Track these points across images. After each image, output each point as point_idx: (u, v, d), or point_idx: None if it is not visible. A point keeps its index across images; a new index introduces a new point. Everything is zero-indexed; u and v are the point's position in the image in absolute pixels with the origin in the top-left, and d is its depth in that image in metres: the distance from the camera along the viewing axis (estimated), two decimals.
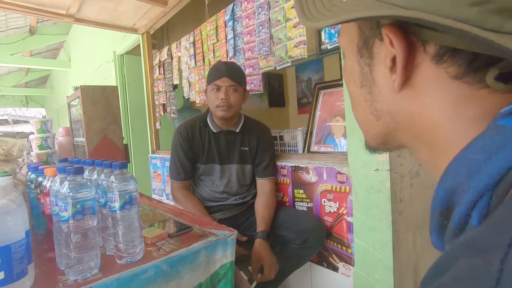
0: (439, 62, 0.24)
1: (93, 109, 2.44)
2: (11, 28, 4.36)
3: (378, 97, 0.29)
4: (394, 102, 0.28)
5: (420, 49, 0.25)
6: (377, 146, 0.34)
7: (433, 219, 0.25)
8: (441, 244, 0.25)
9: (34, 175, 0.87)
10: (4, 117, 8.51)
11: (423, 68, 0.25)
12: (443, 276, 0.18)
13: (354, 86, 0.32)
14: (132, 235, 0.65)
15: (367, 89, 0.30)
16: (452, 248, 0.20)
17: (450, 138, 0.25)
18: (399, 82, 0.26)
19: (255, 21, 1.53)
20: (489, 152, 0.20)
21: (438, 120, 0.25)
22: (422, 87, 0.26)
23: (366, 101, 0.31)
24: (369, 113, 0.31)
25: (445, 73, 0.24)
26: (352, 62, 0.31)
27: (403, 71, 0.25)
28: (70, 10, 2.04)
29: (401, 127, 0.29)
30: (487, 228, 0.18)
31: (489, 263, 0.15)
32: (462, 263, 0.17)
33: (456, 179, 0.22)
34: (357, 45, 0.30)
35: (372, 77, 0.29)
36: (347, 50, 0.32)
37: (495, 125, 0.21)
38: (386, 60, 0.27)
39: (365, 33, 0.29)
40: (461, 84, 0.23)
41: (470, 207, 0.20)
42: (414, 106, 0.27)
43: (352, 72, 0.32)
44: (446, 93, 0.24)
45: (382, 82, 0.28)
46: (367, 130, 0.34)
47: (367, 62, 0.29)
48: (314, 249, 1.22)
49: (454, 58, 0.23)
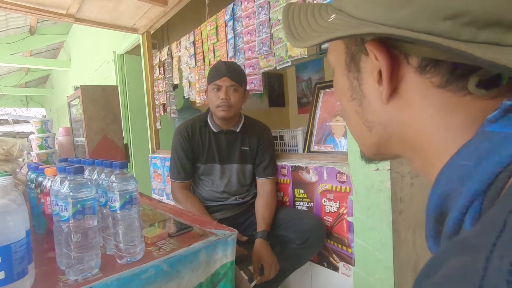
0: (423, 73, 0.25)
1: (93, 109, 2.44)
2: (11, 28, 4.36)
3: (368, 108, 0.31)
4: (384, 113, 0.29)
5: (404, 61, 0.26)
6: (372, 157, 0.35)
7: (428, 225, 0.26)
8: (437, 249, 0.26)
9: (34, 175, 0.87)
10: (4, 117, 8.51)
11: (408, 79, 0.26)
12: (435, 275, 0.18)
13: (345, 99, 0.34)
14: (132, 235, 0.65)
15: (357, 101, 0.31)
16: (444, 248, 0.20)
17: (441, 146, 0.26)
18: (386, 93, 0.27)
19: (255, 20, 1.53)
20: (478, 157, 0.21)
21: (427, 128, 0.26)
22: (409, 97, 0.27)
23: (357, 113, 0.32)
24: (361, 125, 0.32)
25: (430, 82, 0.25)
26: (342, 77, 0.33)
27: (389, 82, 0.27)
28: (70, 10, 2.04)
29: (394, 137, 0.30)
30: (478, 228, 0.19)
31: (475, 261, 0.16)
32: (452, 261, 0.18)
33: (448, 184, 0.23)
34: (345, 61, 0.32)
35: (361, 90, 0.31)
36: (336, 66, 0.34)
37: (483, 131, 0.22)
38: (373, 73, 0.28)
39: (351, 49, 0.30)
40: (445, 92, 0.24)
41: (463, 212, 0.21)
42: (403, 116, 0.28)
43: (342, 87, 0.33)
44: (432, 102, 0.25)
45: (371, 94, 0.30)
46: (361, 142, 0.35)
47: (355, 76, 0.31)
48: (315, 249, 1.22)
49: (436, 68, 0.24)
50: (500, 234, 0.16)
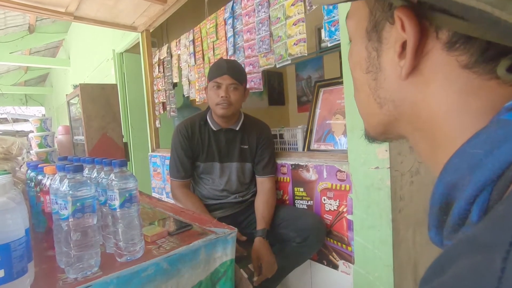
0: (451, 50, 0.23)
1: (92, 107, 2.43)
2: (10, 26, 4.34)
3: (383, 84, 0.29)
4: (399, 90, 0.27)
5: (433, 35, 0.24)
6: (377, 136, 0.33)
7: (432, 214, 0.24)
8: (439, 239, 0.25)
9: (33, 173, 0.87)
10: (4, 115, 8.50)
11: (433, 55, 0.24)
12: (444, 274, 0.18)
13: (359, 71, 0.31)
14: (132, 233, 0.65)
15: (372, 75, 0.29)
16: (452, 245, 0.19)
17: (453, 130, 0.24)
18: (407, 68, 0.25)
19: (255, 18, 1.52)
20: (490, 146, 0.20)
21: (442, 111, 0.25)
22: (430, 75, 0.25)
23: (370, 88, 0.30)
24: (373, 101, 0.30)
25: (456, 61, 0.23)
26: (360, 46, 0.30)
27: (413, 57, 0.25)
28: (69, 8, 2.03)
29: (404, 117, 0.28)
30: (489, 225, 0.18)
31: (491, 261, 0.15)
32: (463, 261, 0.17)
33: (456, 173, 0.22)
34: (366, 29, 0.29)
35: (379, 62, 0.29)
36: (355, 34, 0.31)
37: (498, 119, 0.21)
38: (395, 45, 0.26)
39: (376, 16, 0.28)
40: (470, 74, 0.23)
41: (470, 201, 0.20)
42: (419, 95, 0.26)
43: (358, 57, 0.31)
44: (454, 83, 0.24)
45: (389, 69, 0.28)
46: (368, 119, 0.33)
47: (375, 47, 0.29)
48: (314, 247, 1.22)
49: (467, 46, 0.22)
50: None
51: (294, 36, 1.34)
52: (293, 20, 1.34)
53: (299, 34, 1.32)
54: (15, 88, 6.98)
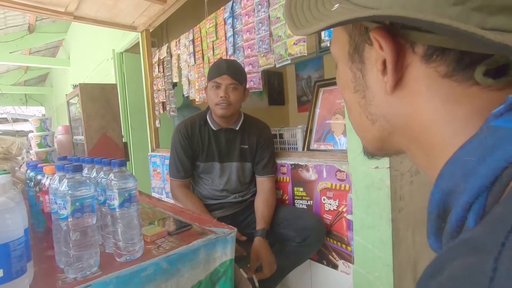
0: (428, 62, 0.24)
1: (92, 107, 2.43)
2: (10, 26, 4.34)
3: (372, 101, 0.30)
4: (388, 105, 0.29)
5: (409, 50, 0.25)
6: (375, 151, 0.34)
7: (430, 222, 0.25)
8: (438, 246, 0.25)
9: (33, 173, 0.87)
10: (4, 115, 8.50)
11: (413, 69, 0.26)
12: (440, 276, 0.18)
13: (348, 92, 0.33)
14: (131, 233, 0.65)
15: (360, 93, 0.31)
16: (448, 248, 0.20)
17: (444, 138, 0.25)
18: (390, 84, 0.27)
19: (254, 18, 1.52)
20: (483, 153, 0.21)
21: (432, 120, 0.26)
22: (414, 87, 0.26)
23: (360, 106, 0.32)
24: (364, 118, 0.32)
25: (435, 72, 0.24)
26: (345, 68, 0.32)
27: (394, 72, 0.26)
28: (69, 7, 2.03)
29: (397, 130, 0.29)
30: (483, 228, 0.18)
31: (484, 262, 0.15)
32: (458, 262, 0.17)
33: (451, 181, 0.23)
34: (348, 52, 0.31)
35: (364, 81, 0.30)
36: (339, 58, 0.33)
37: (488, 126, 0.21)
38: (377, 63, 0.27)
39: (355, 39, 0.30)
40: (451, 82, 0.24)
41: (466, 208, 0.21)
42: (408, 108, 0.27)
43: (345, 79, 0.33)
44: (438, 92, 0.25)
45: (375, 86, 0.29)
46: (364, 135, 0.34)
47: (359, 67, 0.30)
48: (314, 247, 1.22)
49: (443, 57, 0.24)
50: (509, 234, 0.16)
51: (293, 36, 1.34)
52: None
53: None
54: (15, 88, 6.99)
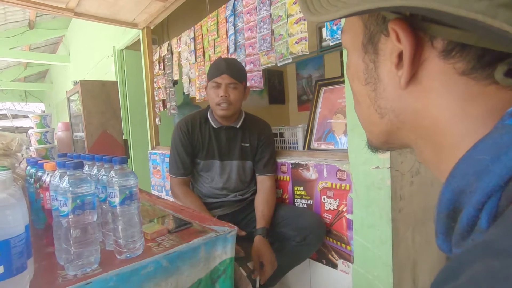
0: (447, 58, 0.23)
1: (92, 104, 2.43)
2: (10, 22, 4.33)
3: (382, 94, 0.29)
4: (399, 100, 0.28)
5: (428, 44, 0.24)
6: (380, 145, 0.34)
7: (439, 221, 0.24)
8: (448, 246, 0.24)
9: (33, 170, 0.86)
10: (3, 111, 8.48)
11: (430, 64, 0.25)
12: (457, 279, 0.17)
13: (358, 83, 0.32)
14: (132, 231, 0.65)
15: (371, 86, 0.30)
16: (466, 251, 0.19)
17: (456, 137, 0.24)
18: (405, 78, 0.26)
19: (256, 16, 1.52)
20: (497, 152, 0.20)
21: (444, 118, 0.25)
22: (429, 83, 0.25)
23: (370, 98, 0.31)
24: (373, 111, 0.31)
25: (453, 69, 0.23)
26: (357, 59, 0.31)
27: (410, 66, 0.25)
28: (70, 4, 2.02)
29: (406, 125, 0.29)
30: (503, 230, 0.18)
31: (507, 265, 0.15)
32: (478, 265, 0.17)
33: (463, 180, 0.22)
34: (362, 42, 0.30)
35: (377, 74, 0.29)
36: (351, 48, 0.32)
37: (503, 125, 0.21)
38: (392, 56, 0.26)
39: (370, 29, 0.28)
40: (469, 80, 0.23)
41: (479, 208, 0.20)
42: (420, 103, 0.26)
43: (356, 70, 0.32)
44: (453, 90, 0.24)
45: (388, 79, 0.28)
46: (370, 129, 0.33)
47: (372, 59, 0.29)
48: (314, 246, 1.23)
49: (463, 53, 0.23)
50: None
51: (295, 34, 1.33)
52: (295, 18, 1.33)
53: (301, 33, 1.31)
54: (15, 84, 6.97)
